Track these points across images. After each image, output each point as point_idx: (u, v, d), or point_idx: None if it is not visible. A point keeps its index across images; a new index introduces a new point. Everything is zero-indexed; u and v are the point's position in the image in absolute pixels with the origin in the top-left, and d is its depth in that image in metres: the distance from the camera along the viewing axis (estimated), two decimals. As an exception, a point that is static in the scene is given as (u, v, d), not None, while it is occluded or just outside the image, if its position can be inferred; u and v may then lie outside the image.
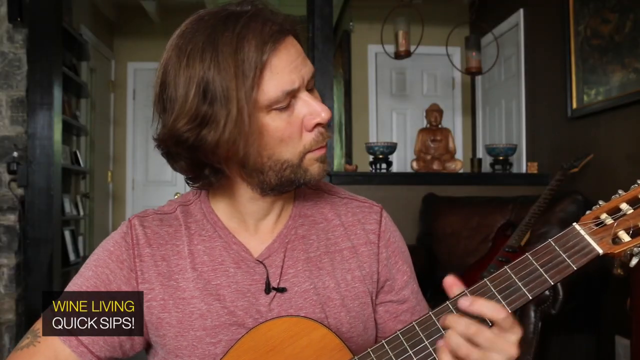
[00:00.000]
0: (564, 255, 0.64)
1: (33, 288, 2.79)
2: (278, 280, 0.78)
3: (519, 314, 1.92)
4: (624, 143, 2.53)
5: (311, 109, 0.70)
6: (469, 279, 2.48)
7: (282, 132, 0.69)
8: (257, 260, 0.78)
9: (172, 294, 0.76)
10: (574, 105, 2.91)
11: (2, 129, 2.83)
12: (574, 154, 2.75)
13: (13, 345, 2.76)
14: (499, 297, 0.64)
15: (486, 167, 3.75)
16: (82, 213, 4.00)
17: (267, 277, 0.77)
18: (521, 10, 3.70)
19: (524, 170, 3.51)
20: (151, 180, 5.22)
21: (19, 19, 2.74)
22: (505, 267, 0.66)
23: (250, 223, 0.80)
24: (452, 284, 0.66)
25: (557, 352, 2.03)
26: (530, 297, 0.64)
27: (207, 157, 0.70)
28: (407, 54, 3.59)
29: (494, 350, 0.61)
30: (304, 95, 0.70)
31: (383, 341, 0.67)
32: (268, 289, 0.77)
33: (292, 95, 0.69)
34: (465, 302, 0.62)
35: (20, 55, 2.84)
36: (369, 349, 0.68)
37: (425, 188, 3.10)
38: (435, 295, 3.03)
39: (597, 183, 2.71)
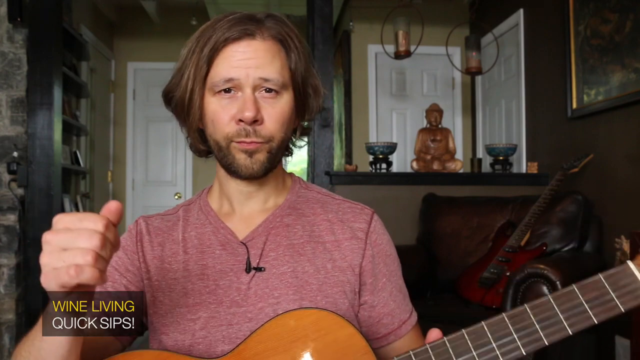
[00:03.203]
0: (613, 295, 0.60)
1: (33, 288, 2.79)
2: (258, 261, 0.84)
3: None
4: (624, 143, 2.53)
5: (241, 104, 0.79)
6: (469, 279, 2.48)
7: (214, 115, 0.81)
8: (241, 242, 0.85)
9: (165, 275, 0.85)
10: (574, 105, 2.91)
11: (2, 129, 2.83)
12: (574, 154, 2.75)
13: (13, 345, 2.76)
14: (537, 326, 0.61)
15: (486, 167, 3.75)
16: (82, 213, 4.00)
17: (248, 257, 0.84)
18: (521, 10, 3.70)
19: (524, 170, 3.51)
20: (151, 180, 5.22)
21: (19, 19, 2.74)
22: (549, 296, 0.62)
23: (236, 206, 0.89)
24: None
25: (557, 352, 2.03)
26: (571, 333, 0.61)
27: (183, 122, 0.86)
28: (407, 54, 3.59)
29: None
30: (245, 92, 0.79)
31: (411, 352, 0.66)
32: (248, 268, 0.83)
33: (235, 85, 0.79)
34: None
35: (20, 55, 2.84)
36: (395, 358, 0.66)
37: (425, 188, 3.10)
38: (435, 295, 3.02)
39: (597, 183, 2.71)
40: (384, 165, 3.20)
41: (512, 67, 3.92)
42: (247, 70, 0.79)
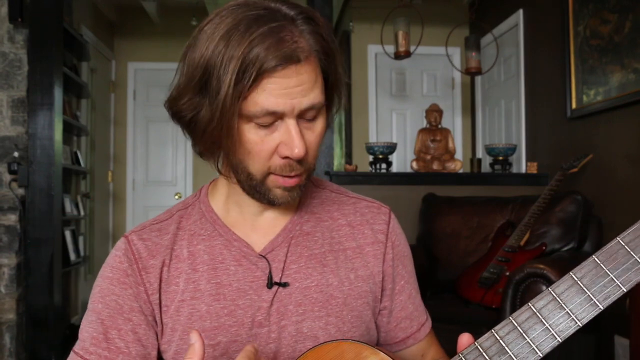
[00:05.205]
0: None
1: (33, 288, 2.80)
2: (280, 275, 0.77)
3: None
4: (623, 143, 2.54)
5: (288, 139, 0.68)
6: (469, 279, 2.48)
7: (252, 146, 0.68)
8: (260, 254, 0.77)
9: (173, 298, 0.76)
10: (574, 106, 2.92)
11: (3, 129, 2.83)
12: (573, 154, 2.76)
13: (13, 345, 2.77)
14: (611, 275, 0.57)
15: (486, 167, 3.75)
16: (82, 213, 4.00)
17: (270, 272, 0.76)
18: (521, 11, 3.70)
19: (523, 170, 3.51)
20: (151, 180, 5.23)
21: (19, 19, 2.74)
22: (618, 238, 0.57)
23: (248, 216, 0.79)
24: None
25: (556, 352, 2.03)
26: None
27: (199, 140, 0.72)
28: (407, 54, 3.59)
29: None
30: (291, 124, 0.68)
31: None
32: (270, 283, 0.76)
33: (276, 116, 0.67)
34: None
35: (21, 55, 2.84)
36: None
37: (425, 188, 3.10)
38: (434, 295, 3.02)
39: (596, 183, 2.72)
40: (383, 165, 3.21)
41: (512, 67, 3.92)
42: (293, 101, 0.66)
